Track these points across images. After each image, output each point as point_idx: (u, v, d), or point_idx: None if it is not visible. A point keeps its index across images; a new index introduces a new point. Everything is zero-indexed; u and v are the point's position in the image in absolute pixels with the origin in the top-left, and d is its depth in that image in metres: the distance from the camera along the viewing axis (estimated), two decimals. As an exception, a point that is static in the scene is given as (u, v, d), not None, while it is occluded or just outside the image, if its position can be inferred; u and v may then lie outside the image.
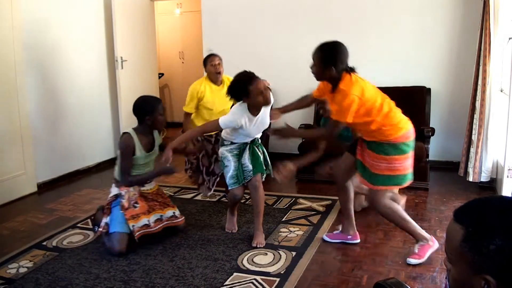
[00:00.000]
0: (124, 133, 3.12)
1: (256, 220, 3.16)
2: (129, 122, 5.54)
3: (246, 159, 3.10)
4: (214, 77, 3.87)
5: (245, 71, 3.00)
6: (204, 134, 3.70)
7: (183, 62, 7.92)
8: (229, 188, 3.14)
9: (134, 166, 3.09)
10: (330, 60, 2.67)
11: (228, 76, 3.89)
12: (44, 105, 4.59)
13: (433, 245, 2.82)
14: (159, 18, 7.34)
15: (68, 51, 4.85)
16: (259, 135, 3.24)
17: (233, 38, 4.97)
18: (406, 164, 2.69)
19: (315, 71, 2.73)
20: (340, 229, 3.16)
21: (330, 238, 3.13)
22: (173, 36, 7.90)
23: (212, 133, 3.67)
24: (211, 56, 3.89)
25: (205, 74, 3.99)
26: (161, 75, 7.36)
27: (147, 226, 3.05)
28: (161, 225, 3.14)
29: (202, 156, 3.84)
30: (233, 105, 3.22)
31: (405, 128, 2.71)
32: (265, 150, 3.28)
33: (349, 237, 3.09)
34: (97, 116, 5.33)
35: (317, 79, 2.79)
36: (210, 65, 3.84)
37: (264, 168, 3.18)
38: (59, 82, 4.76)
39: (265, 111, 3.06)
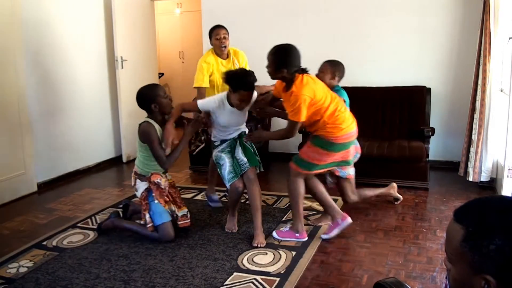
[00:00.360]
0: (141, 123, 3.11)
1: (255, 218, 3.16)
2: (129, 121, 5.55)
3: (240, 153, 3.23)
4: (219, 50, 3.72)
5: (248, 72, 3.12)
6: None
7: (183, 62, 7.92)
8: (229, 183, 3.18)
9: (147, 152, 3.10)
10: (282, 63, 2.85)
11: (234, 48, 3.79)
12: (44, 104, 4.59)
13: (300, 238, 3.09)
14: (159, 18, 7.34)
15: (68, 51, 4.85)
16: (243, 127, 3.34)
17: (233, 37, 4.94)
18: (328, 159, 3.00)
19: (269, 71, 2.93)
20: (331, 222, 3.23)
21: (328, 234, 3.15)
22: (173, 36, 7.90)
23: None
24: (216, 29, 3.69)
25: (211, 46, 3.85)
26: (161, 74, 7.36)
27: (185, 216, 3.23)
28: (183, 222, 3.24)
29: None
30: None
31: (347, 130, 2.95)
32: (254, 146, 3.35)
33: (339, 221, 3.16)
34: (97, 115, 5.33)
35: (272, 79, 2.99)
36: (215, 39, 3.68)
37: (258, 162, 3.29)
38: (59, 81, 4.76)
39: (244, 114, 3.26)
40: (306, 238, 3.15)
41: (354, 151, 3.20)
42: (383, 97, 4.76)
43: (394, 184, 3.82)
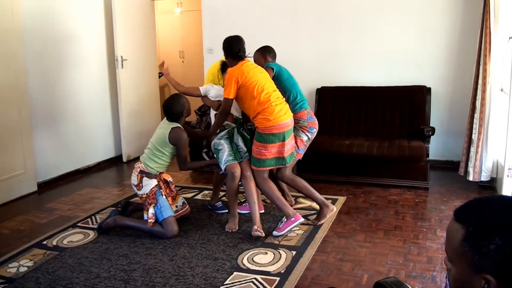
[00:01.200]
0: (174, 127, 3.26)
1: (253, 211, 3.23)
2: (129, 121, 5.55)
3: (240, 141, 3.39)
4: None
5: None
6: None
7: (183, 62, 7.92)
8: (225, 164, 3.27)
9: (169, 156, 3.31)
10: (228, 51, 3.27)
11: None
12: (44, 104, 4.59)
13: (296, 220, 3.19)
14: (159, 17, 7.33)
15: (69, 50, 4.85)
16: (238, 113, 3.50)
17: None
18: (272, 151, 3.17)
19: (227, 61, 3.36)
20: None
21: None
22: (173, 36, 7.89)
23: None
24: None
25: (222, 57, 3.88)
26: (161, 74, 7.35)
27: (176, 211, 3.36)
28: (180, 212, 3.39)
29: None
30: None
31: (274, 121, 3.12)
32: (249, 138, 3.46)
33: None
34: (97, 115, 5.33)
35: (230, 67, 3.29)
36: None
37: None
38: (59, 81, 4.76)
39: None
40: (302, 218, 3.23)
41: (291, 148, 3.28)
42: (383, 97, 4.76)
43: (334, 209, 3.48)
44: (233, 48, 3.24)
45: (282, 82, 3.45)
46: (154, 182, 3.24)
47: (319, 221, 3.40)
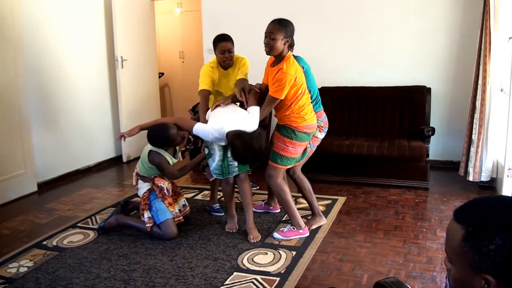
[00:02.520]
0: (150, 151, 3.17)
1: (247, 215, 3.24)
2: (129, 121, 5.55)
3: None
4: (223, 63, 3.48)
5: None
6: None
7: (183, 62, 7.92)
8: (213, 175, 3.26)
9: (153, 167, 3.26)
10: (291, 34, 2.98)
11: (237, 55, 3.58)
12: (44, 104, 4.59)
13: (304, 233, 3.19)
14: (159, 17, 7.33)
15: (68, 50, 4.85)
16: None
17: (233, 37, 4.94)
18: (298, 150, 3.12)
19: (273, 43, 2.94)
20: (265, 201, 3.70)
21: (256, 208, 3.36)
22: (173, 36, 7.89)
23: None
24: (221, 42, 3.42)
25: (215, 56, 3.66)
26: (161, 74, 7.36)
27: (177, 215, 3.30)
28: (181, 214, 3.34)
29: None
30: None
31: (309, 121, 3.09)
32: None
33: (271, 208, 3.66)
34: (97, 115, 5.33)
35: (268, 53, 3.03)
36: (219, 52, 3.42)
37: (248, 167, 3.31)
38: (59, 81, 4.76)
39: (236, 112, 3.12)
40: (308, 234, 3.21)
41: (308, 145, 3.28)
42: (383, 97, 4.76)
43: (325, 221, 3.47)
44: (293, 33, 2.96)
45: (309, 81, 3.26)
46: (146, 186, 3.25)
47: (309, 226, 3.35)
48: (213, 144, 3.16)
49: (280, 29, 2.88)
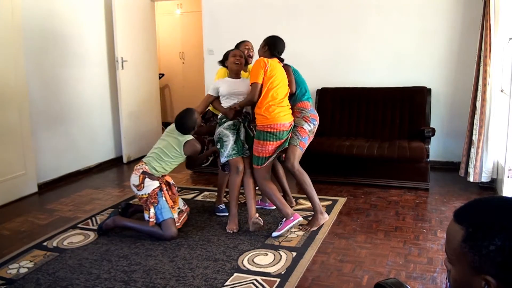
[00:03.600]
0: (189, 141, 3.31)
1: (250, 206, 3.31)
2: (129, 122, 5.56)
3: (242, 136, 3.41)
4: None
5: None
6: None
7: (183, 63, 7.92)
8: (227, 158, 3.32)
9: (177, 162, 3.37)
10: (270, 45, 3.38)
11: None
12: (44, 105, 4.59)
13: (295, 219, 3.22)
14: (159, 18, 7.34)
15: (69, 51, 4.85)
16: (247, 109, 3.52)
17: (234, 38, 4.95)
18: (265, 149, 3.25)
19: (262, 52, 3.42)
20: (261, 198, 3.83)
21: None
22: (173, 37, 7.90)
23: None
24: (237, 47, 3.66)
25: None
26: (161, 75, 7.36)
27: (176, 220, 3.32)
28: (182, 219, 3.37)
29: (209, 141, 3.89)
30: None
31: (274, 121, 3.21)
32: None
33: (266, 204, 3.79)
34: (98, 116, 5.33)
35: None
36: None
37: None
38: (59, 82, 4.76)
39: (243, 80, 3.50)
40: (300, 217, 3.26)
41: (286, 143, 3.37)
42: (383, 98, 4.76)
43: (327, 217, 3.50)
44: (277, 46, 3.36)
45: (298, 77, 3.58)
46: (156, 183, 3.24)
47: (311, 227, 3.36)
48: (225, 131, 3.37)
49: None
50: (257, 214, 3.29)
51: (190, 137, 3.33)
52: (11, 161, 4.16)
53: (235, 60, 3.48)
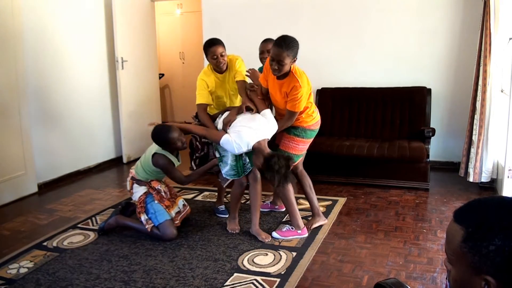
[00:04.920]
0: (154, 154, 3.17)
1: (254, 216, 3.24)
2: (129, 122, 5.56)
3: (246, 156, 3.22)
4: (217, 68, 3.47)
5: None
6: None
7: (183, 63, 7.93)
8: (225, 176, 3.25)
9: (158, 172, 3.26)
10: (294, 48, 2.94)
11: (232, 55, 3.55)
12: (44, 105, 4.59)
13: (302, 234, 3.22)
14: (159, 18, 7.34)
15: (69, 51, 4.85)
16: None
17: (234, 38, 4.97)
18: (305, 147, 3.28)
19: (285, 63, 2.92)
20: (270, 201, 3.82)
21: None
22: (173, 37, 7.90)
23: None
24: (211, 47, 3.38)
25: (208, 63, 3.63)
26: (161, 75, 7.37)
27: (174, 218, 3.30)
28: (180, 216, 3.35)
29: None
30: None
31: (316, 118, 3.27)
32: None
33: (276, 207, 3.75)
34: (98, 116, 5.33)
35: (279, 74, 3.00)
36: (211, 58, 3.40)
37: None
38: (59, 82, 4.76)
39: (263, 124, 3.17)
40: (307, 234, 3.22)
41: None
42: (383, 98, 4.76)
43: (326, 221, 3.49)
44: (298, 50, 2.98)
45: None
46: (142, 189, 3.26)
47: (313, 224, 3.38)
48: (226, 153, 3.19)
49: (288, 53, 2.86)
50: (264, 235, 3.19)
51: (160, 150, 3.17)
52: (11, 161, 4.16)
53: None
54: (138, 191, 3.27)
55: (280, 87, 3.08)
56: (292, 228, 3.24)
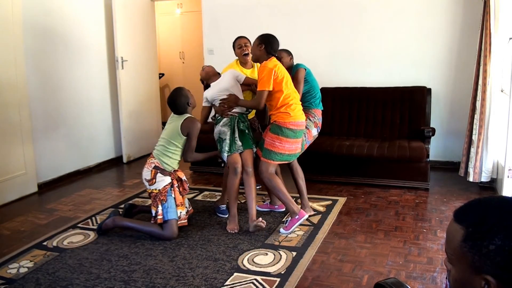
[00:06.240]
0: (187, 117, 3.28)
1: (251, 208, 3.31)
2: (129, 122, 5.55)
3: (237, 133, 3.42)
4: (243, 59, 3.80)
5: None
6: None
7: (183, 62, 7.93)
8: (227, 154, 3.35)
9: (182, 148, 3.31)
10: (267, 44, 3.33)
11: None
12: (44, 105, 4.59)
13: (301, 217, 3.27)
14: (159, 18, 7.34)
15: (69, 51, 4.85)
16: (241, 110, 3.53)
17: (234, 38, 4.97)
18: (285, 146, 3.26)
19: (257, 52, 3.37)
20: (269, 201, 3.80)
21: (260, 207, 3.43)
22: (173, 36, 7.90)
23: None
24: (238, 39, 3.82)
25: (236, 57, 3.91)
26: (161, 75, 7.37)
27: (184, 217, 3.32)
28: (186, 216, 3.35)
29: None
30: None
31: (295, 118, 3.24)
32: (251, 133, 3.53)
33: (276, 207, 3.74)
34: (98, 116, 5.33)
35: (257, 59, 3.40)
36: (237, 47, 3.78)
37: (253, 145, 3.47)
38: (59, 82, 4.76)
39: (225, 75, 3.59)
40: (306, 214, 3.33)
41: (300, 147, 3.42)
42: (383, 97, 4.76)
43: (310, 212, 3.59)
44: (273, 44, 3.31)
45: (311, 81, 3.66)
46: (168, 179, 3.23)
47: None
48: (223, 128, 3.42)
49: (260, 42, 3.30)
50: (260, 218, 3.27)
51: (187, 114, 3.30)
52: (11, 161, 4.16)
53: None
54: (163, 180, 3.20)
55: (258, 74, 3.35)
56: (289, 218, 3.31)
